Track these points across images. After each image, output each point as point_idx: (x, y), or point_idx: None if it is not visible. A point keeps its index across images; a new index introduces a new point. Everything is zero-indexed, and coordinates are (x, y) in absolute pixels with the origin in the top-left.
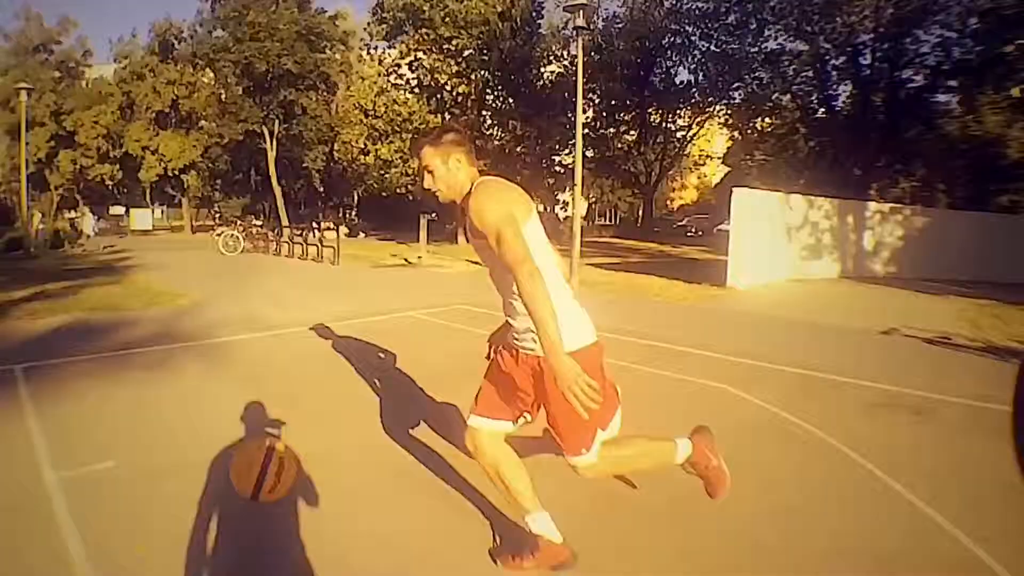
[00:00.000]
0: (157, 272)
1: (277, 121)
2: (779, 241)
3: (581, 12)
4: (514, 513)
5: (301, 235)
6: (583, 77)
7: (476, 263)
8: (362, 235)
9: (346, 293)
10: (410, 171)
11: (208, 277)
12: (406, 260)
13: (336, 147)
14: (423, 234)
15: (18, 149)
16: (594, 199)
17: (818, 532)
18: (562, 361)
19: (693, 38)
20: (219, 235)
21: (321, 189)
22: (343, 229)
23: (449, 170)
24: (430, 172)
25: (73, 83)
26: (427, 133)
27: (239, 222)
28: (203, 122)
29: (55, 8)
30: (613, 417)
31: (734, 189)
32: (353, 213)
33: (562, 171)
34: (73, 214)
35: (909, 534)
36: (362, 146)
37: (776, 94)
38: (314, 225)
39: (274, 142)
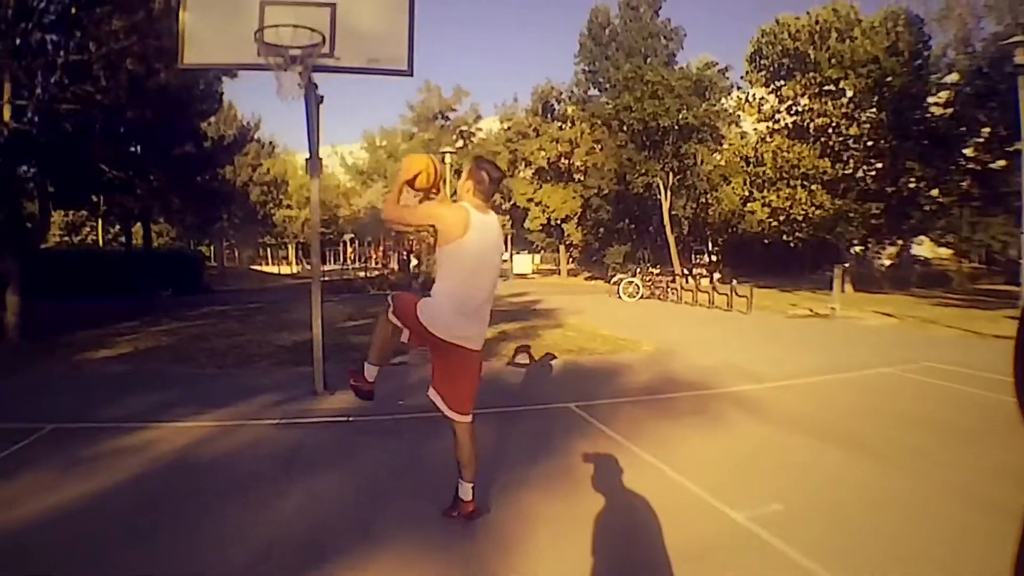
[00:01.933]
0: (579, 316)
1: (671, 173)
2: None
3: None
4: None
5: (709, 282)
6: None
7: (887, 315)
8: (734, 281)
9: (792, 344)
10: (799, 216)
11: (639, 323)
12: (811, 310)
13: (720, 195)
14: (837, 284)
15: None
16: (962, 239)
17: None
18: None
19: None
20: (616, 282)
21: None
22: (716, 275)
23: (463, 188)
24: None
25: (467, 144)
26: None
27: (639, 270)
28: (581, 175)
29: (450, 79)
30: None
31: None
32: (716, 259)
33: (934, 208)
34: None
35: None
36: (746, 194)
37: None
38: (684, 272)
39: (667, 193)
